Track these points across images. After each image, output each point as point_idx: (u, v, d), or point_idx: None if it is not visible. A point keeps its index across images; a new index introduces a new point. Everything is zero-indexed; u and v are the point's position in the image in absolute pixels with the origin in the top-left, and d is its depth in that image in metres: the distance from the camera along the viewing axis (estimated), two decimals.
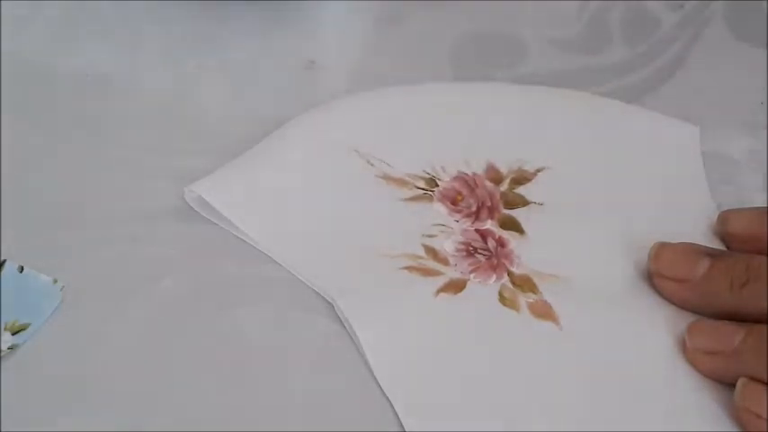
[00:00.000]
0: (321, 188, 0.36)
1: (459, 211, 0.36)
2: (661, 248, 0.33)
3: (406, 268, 0.33)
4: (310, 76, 0.42)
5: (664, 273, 0.33)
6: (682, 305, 0.32)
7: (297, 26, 0.45)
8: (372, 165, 0.37)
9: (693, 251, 0.33)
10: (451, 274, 0.33)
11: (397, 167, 0.37)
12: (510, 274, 0.33)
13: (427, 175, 0.37)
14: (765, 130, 0.40)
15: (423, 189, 0.36)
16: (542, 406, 0.29)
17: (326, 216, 0.35)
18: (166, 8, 0.45)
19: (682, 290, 0.32)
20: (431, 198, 0.36)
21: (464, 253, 0.34)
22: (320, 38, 0.45)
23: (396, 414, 0.29)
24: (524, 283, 0.33)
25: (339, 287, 0.32)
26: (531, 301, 0.33)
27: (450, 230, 0.35)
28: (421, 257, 0.34)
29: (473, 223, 0.35)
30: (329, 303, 0.32)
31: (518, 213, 0.36)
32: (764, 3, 0.45)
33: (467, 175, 0.37)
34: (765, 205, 0.36)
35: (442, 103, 0.39)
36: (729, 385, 0.30)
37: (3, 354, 0.29)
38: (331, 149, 0.37)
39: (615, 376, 0.30)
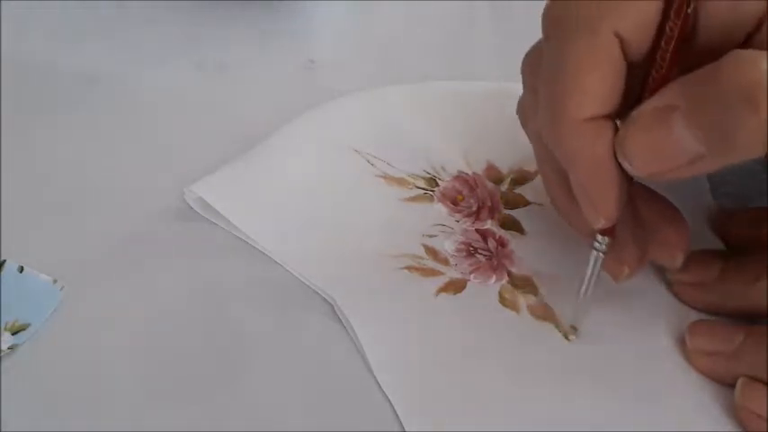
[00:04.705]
0: (321, 188, 0.36)
1: (459, 211, 0.36)
2: None
3: (407, 268, 0.33)
4: (310, 76, 0.42)
5: (682, 279, 0.33)
6: (702, 309, 0.32)
7: (297, 26, 0.45)
8: (372, 164, 0.37)
9: (708, 254, 0.33)
10: (452, 274, 0.33)
11: (397, 167, 0.37)
12: (510, 274, 0.33)
13: (427, 175, 0.37)
14: None
15: (423, 189, 0.36)
16: (542, 406, 0.29)
17: (326, 216, 0.35)
18: (166, 8, 0.45)
19: (701, 294, 0.32)
20: (431, 198, 0.36)
21: (464, 253, 0.34)
22: (320, 38, 0.45)
23: (396, 414, 0.29)
24: (524, 284, 0.33)
25: (339, 287, 0.32)
26: (531, 302, 0.32)
27: (450, 230, 0.35)
28: (421, 257, 0.34)
29: (473, 223, 0.35)
30: (329, 303, 0.32)
31: (518, 213, 0.36)
32: None
33: (467, 174, 0.37)
34: (765, 205, 0.36)
35: (442, 103, 0.39)
36: (729, 385, 0.30)
37: (3, 354, 0.29)
38: (331, 149, 0.37)
39: (615, 377, 0.30)
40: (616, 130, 0.27)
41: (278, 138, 0.37)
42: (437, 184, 0.36)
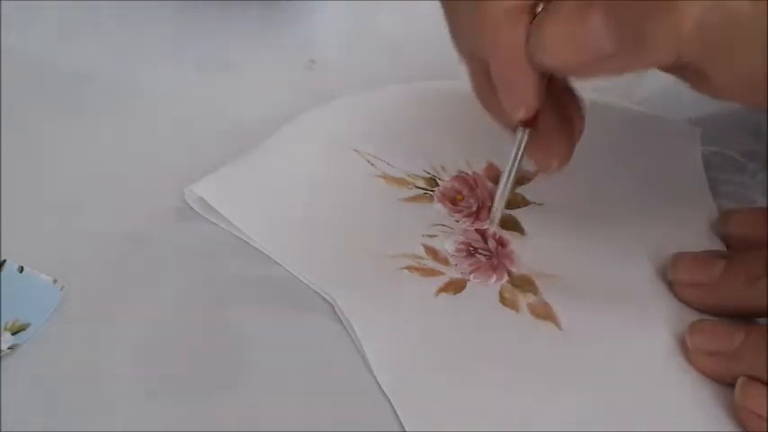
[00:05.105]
0: (321, 188, 0.36)
1: (459, 211, 0.36)
2: (678, 257, 0.33)
3: (407, 268, 0.33)
4: (310, 76, 0.42)
5: (683, 280, 0.33)
6: (703, 310, 0.32)
7: (297, 26, 0.45)
8: (372, 164, 0.37)
9: (709, 255, 0.33)
10: (452, 274, 0.33)
11: (397, 167, 0.37)
12: (510, 274, 0.33)
13: (427, 175, 0.37)
14: (765, 131, 0.40)
15: (423, 189, 0.36)
16: (542, 406, 0.29)
17: (327, 216, 0.35)
18: (166, 8, 0.45)
19: (702, 294, 0.32)
20: (431, 198, 0.36)
21: (464, 253, 0.34)
22: (320, 38, 0.45)
23: (396, 414, 0.29)
24: (524, 284, 0.33)
25: (339, 287, 0.32)
26: (531, 301, 0.32)
27: (450, 230, 0.35)
28: (421, 257, 0.34)
29: (473, 223, 0.35)
30: (329, 303, 0.32)
31: (518, 213, 0.36)
32: None
33: (467, 174, 0.37)
34: (765, 205, 0.36)
35: (442, 103, 0.39)
36: (729, 385, 0.30)
37: (3, 354, 0.29)
38: (331, 149, 0.37)
39: (615, 377, 0.30)
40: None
41: (278, 138, 0.37)
42: (437, 184, 0.36)
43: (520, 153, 0.31)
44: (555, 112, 0.31)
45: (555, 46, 0.27)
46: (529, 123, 0.30)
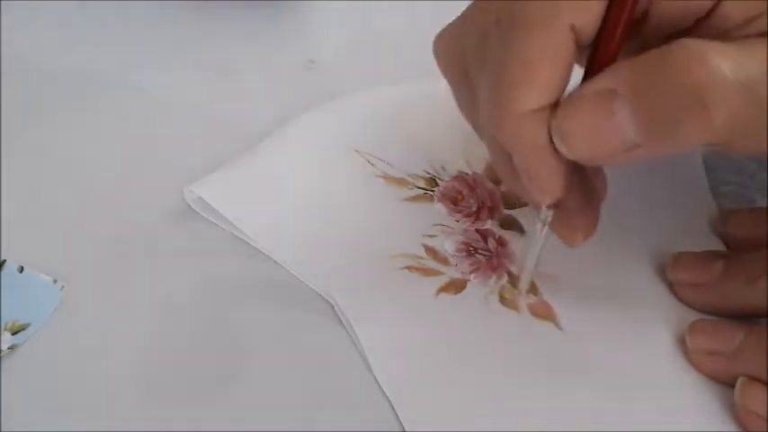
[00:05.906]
0: (321, 188, 0.36)
1: (459, 211, 0.36)
2: (678, 257, 0.33)
3: (407, 268, 0.33)
4: (310, 76, 0.42)
5: (683, 280, 0.33)
6: (703, 310, 0.32)
7: (297, 26, 0.45)
8: (372, 164, 0.37)
9: (709, 255, 0.33)
10: (452, 274, 0.33)
11: (397, 167, 0.37)
12: (510, 274, 0.33)
13: (427, 175, 0.37)
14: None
15: (423, 189, 0.36)
16: (542, 407, 0.29)
17: (326, 216, 0.35)
18: (166, 8, 0.45)
19: (702, 294, 0.32)
20: (431, 198, 0.36)
21: (464, 253, 0.34)
22: (320, 38, 0.45)
23: (396, 414, 0.29)
24: None
25: (339, 287, 0.32)
26: (531, 301, 0.32)
27: (450, 230, 0.35)
28: (421, 257, 0.34)
29: (473, 223, 0.35)
30: (329, 303, 0.32)
31: (518, 213, 0.36)
32: None
33: (467, 174, 0.37)
34: (765, 205, 0.36)
35: (442, 103, 0.39)
36: (729, 385, 0.30)
37: (3, 354, 0.29)
38: (331, 149, 0.37)
39: (615, 377, 0.30)
40: None
41: (278, 138, 0.37)
42: (437, 184, 0.36)
43: (542, 235, 0.31)
44: (579, 187, 0.30)
45: (578, 139, 0.26)
46: (554, 205, 0.29)
